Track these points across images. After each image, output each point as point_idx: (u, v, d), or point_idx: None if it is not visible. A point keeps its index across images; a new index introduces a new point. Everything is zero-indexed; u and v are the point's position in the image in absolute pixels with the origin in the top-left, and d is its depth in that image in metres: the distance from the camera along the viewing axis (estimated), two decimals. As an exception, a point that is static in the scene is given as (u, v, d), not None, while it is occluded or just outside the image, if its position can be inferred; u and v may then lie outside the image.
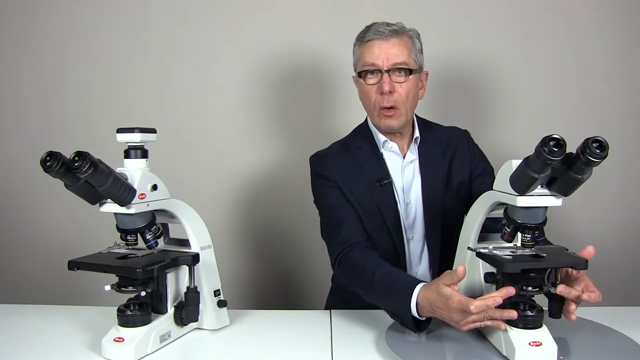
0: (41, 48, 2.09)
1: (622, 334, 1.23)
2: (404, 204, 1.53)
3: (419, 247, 1.55)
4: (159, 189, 1.18)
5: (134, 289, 1.17)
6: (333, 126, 1.92)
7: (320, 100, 2.09)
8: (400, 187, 1.53)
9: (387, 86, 1.41)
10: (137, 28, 2.07)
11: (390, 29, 1.43)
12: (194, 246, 1.28)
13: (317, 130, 2.06)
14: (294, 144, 2.10)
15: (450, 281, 1.12)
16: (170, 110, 2.09)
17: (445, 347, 1.21)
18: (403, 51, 1.42)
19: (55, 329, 1.30)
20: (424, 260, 1.55)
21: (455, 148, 1.56)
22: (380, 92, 1.43)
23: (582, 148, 0.96)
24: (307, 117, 2.11)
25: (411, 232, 1.54)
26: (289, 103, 2.11)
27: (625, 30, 2.05)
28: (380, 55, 1.42)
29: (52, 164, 1.02)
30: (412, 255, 1.54)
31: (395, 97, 1.43)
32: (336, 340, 1.25)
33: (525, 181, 1.02)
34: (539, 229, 1.10)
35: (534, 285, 1.10)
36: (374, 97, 1.45)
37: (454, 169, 1.54)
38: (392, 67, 1.42)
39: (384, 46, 1.42)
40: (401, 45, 1.43)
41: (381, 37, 1.42)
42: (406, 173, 1.53)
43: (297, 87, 2.09)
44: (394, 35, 1.43)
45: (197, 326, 1.30)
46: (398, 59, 1.42)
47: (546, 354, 1.06)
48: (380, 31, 1.42)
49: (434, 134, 1.57)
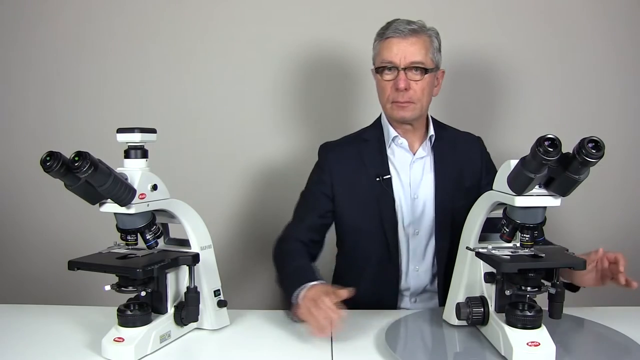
0: (41, 48, 2.09)
1: (622, 334, 1.23)
2: (410, 199, 1.55)
3: (424, 243, 1.56)
4: (159, 189, 1.18)
5: (134, 289, 1.16)
6: (334, 126, 1.92)
7: (322, 103, 2.09)
8: (407, 182, 1.55)
9: (402, 83, 1.45)
10: (138, 27, 2.07)
11: (410, 28, 1.47)
12: (194, 246, 1.28)
13: (318, 130, 2.06)
14: (295, 144, 2.10)
15: (333, 300, 1.18)
16: (170, 110, 2.08)
17: (445, 347, 1.22)
18: (420, 50, 1.46)
19: (55, 329, 1.30)
20: (427, 257, 1.56)
21: (468, 152, 1.60)
22: (396, 89, 1.47)
23: (578, 148, 0.96)
24: (308, 118, 2.11)
25: (416, 228, 1.55)
26: (290, 103, 2.11)
27: (609, 29, 2.04)
28: (399, 53, 1.46)
29: (52, 164, 1.02)
30: (415, 251, 1.56)
31: (410, 94, 1.47)
32: (336, 340, 1.25)
33: (522, 181, 1.02)
34: (537, 229, 1.11)
35: (533, 285, 1.10)
36: (389, 92, 1.50)
37: (466, 171, 1.58)
38: (409, 66, 1.46)
39: (402, 44, 1.46)
40: (419, 44, 1.46)
41: (400, 35, 1.46)
42: (415, 168, 1.56)
43: (297, 87, 2.09)
44: (413, 34, 1.46)
45: (197, 326, 1.30)
46: (415, 57, 1.46)
47: (544, 354, 1.06)
48: (400, 29, 1.46)
49: (448, 134, 1.62)
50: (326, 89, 2.09)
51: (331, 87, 2.09)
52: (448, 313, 1.29)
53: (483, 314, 1.18)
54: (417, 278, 1.56)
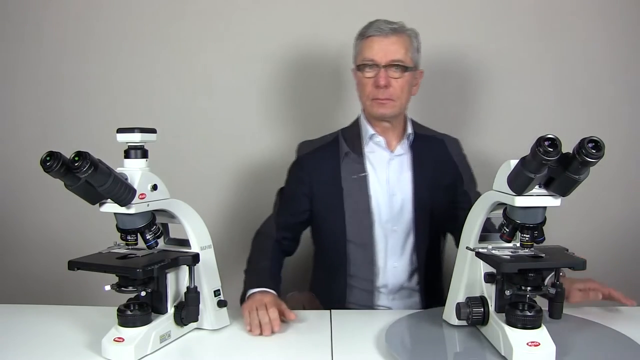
0: (41, 48, 2.08)
1: (622, 334, 1.23)
2: (387, 196, 1.57)
3: (401, 240, 1.58)
4: (159, 189, 1.18)
5: (134, 289, 1.16)
6: (336, 126, 1.92)
7: (325, 101, 2.09)
8: (385, 179, 1.58)
9: (383, 80, 1.49)
10: (138, 28, 2.06)
11: (391, 27, 1.51)
12: (194, 246, 1.28)
13: (320, 130, 2.06)
14: (296, 144, 2.10)
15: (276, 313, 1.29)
16: (170, 110, 2.08)
17: (445, 347, 1.22)
18: (401, 49, 1.50)
19: (55, 329, 1.30)
20: (406, 253, 1.58)
21: (446, 152, 1.64)
22: (376, 86, 1.50)
23: (577, 148, 0.96)
24: (309, 118, 2.10)
25: (394, 224, 1.57)
26: (291, 103, 2.11)
27: (617, 29, 2.04)
28: (380, 51, 1.49)
29: (52, 164, 1.02)
30: (394, 247, 1.57)
31: (390, 92, 1.51)
32: (336, 340, 1.25)
33: (521, 181, 1.02)
34: (537, 229, 1.11)
35: (532, 285, 1.10)
36: (370, 89, 1.53)
37: (443, 170, 1.62)
38: (389, 63, 1.49)
39: (384, 43, 1.50)
40: (399, 43, 1.50)
41: (381, 34, 1.50)
42: (393, 166, 1.59)
43: (298, 87, 2.09)
44: (394, 33, 1.50)
45: (197, 326, 1.30)
46: (395, 55, 1.49)
47: (544, 354, 1.06)
48: (381, 28, 1.50)
49: (427, 134, 1.66)
50: (330, 87, 2.09)
51: (336, 86, 2.09)
52: (448, 313, 1.29)
53: (483, 313, 1.18)
54: (395, 275, 1.58)
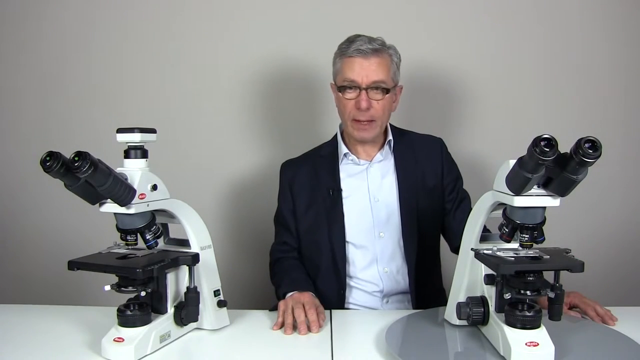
0: (40, 48, 2.09)
1: (622, 334, 1.23)
2: (372, 202, 1.58)
3: (390, 245, 1.58)
4: (159, 189, 1.18)
5: (134, 289, 1.16)
6: (334, 126, 1.92)
7: (322, 101, 2.09)
8: (365, 187, 1.59)
9: (364, 103, 1.49)
10: (137, 28, 2.07)
11: (372, 48, 1.49)
12: (194, 246, 1.28)
13: (319, 130, 2.06)
14: (296, 144, 2.08)
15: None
16: (170, 110, 2.08)
17: (445, 346, 1.22)
18: (382, 70, 1.49)
19: (55, 329, 1.31)
20: (396, 258, 1.58)
21: (429, 153, 1.64)
22: (357, 108, 1.50)
23: (575, 148, 0.96)
24: (309, 118, 2.11)
25: (381, 230, 1.57)
26: (291, 103, 2.11)
27: (614, 29, 2.04)
28: (361, 73, 1.49)
29: (52, 164, 1.02)
30: (383, 252, 1.58)
31: (371, 113, 1.51)
32: (336, 340, 1.25)
33: (519, 181, 1.02)
34: (537, 229, 1.10)
35: (532, 288, 1.10)
36: (350, 110, 1.53)
37: (427, 172, 1.62)
38: (371, 85, 1.49)
39: (365, 64, 1.49)
40: (381, 65, 1.50)
41: (362, 55, 1.49)
42: (372, 172, 1.61)
43: (298, 86, 2.09)
44: (375, 54, 1.49)
45: (197, 326, 1.30)
46: (377, 77, 1.49)
47: (543, 354, 1.05)
48: (362, 50, 1.48)
49: (408, 138, 1.66)
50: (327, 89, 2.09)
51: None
52: (449, 313, 1.29)
53: (483, 313, 1.18)
54: (387, 279, 1.57)
